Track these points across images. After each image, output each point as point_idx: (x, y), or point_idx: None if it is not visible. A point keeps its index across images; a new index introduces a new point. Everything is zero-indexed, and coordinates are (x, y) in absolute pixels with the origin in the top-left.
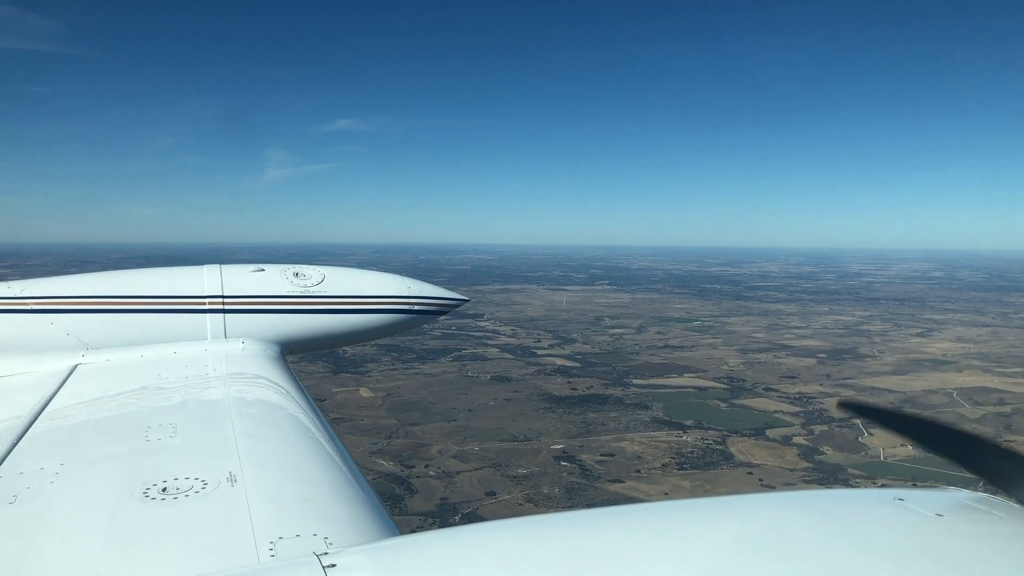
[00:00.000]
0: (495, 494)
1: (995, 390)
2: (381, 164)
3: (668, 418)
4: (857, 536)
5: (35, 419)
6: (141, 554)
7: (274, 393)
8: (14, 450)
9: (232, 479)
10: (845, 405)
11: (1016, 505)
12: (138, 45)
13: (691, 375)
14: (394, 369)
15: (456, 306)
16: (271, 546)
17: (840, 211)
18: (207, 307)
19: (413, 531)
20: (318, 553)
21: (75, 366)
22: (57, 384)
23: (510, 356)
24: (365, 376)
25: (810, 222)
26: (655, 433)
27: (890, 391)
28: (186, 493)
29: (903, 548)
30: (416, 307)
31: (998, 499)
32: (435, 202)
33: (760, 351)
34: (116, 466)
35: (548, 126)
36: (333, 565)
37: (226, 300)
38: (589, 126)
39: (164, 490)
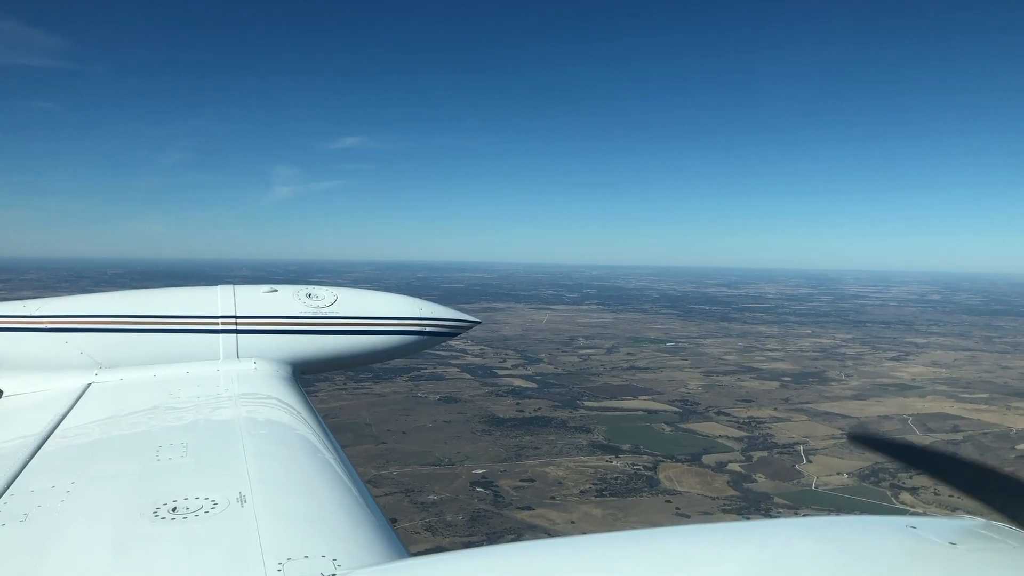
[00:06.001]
0: (396, 522)
1: (953, 416)
2: (386, 182)
3: (607, 442)
4: (870, 564)
5: (47, 437)
6: (150, 574)
7: (285, 414)
8: (26, 468)
9: (242, 499)
10: (854, 438)
11: None
12: (144, 61)
13: (646, 397)
14: (344, 389)
15: (467, 328)
16: (279, 567)
17: (846, 232)
18: (220, 327)
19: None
20: (326, 574)
21: (88, 384)
22: (70, 402)
23: (468, 376)
24: (312, 396)
25: (815, 243)
26: (586, 458)
27: (844, 416)
28: (196, 513)
29: None
30: (427, 328)
31: (1011, 527)
32: (438, 219)
33: (725, 373)
34: (127, 485)
35: (555, 144)
36: None
37: (239, 320)
38: (598, 145)
39: (174, 509)
